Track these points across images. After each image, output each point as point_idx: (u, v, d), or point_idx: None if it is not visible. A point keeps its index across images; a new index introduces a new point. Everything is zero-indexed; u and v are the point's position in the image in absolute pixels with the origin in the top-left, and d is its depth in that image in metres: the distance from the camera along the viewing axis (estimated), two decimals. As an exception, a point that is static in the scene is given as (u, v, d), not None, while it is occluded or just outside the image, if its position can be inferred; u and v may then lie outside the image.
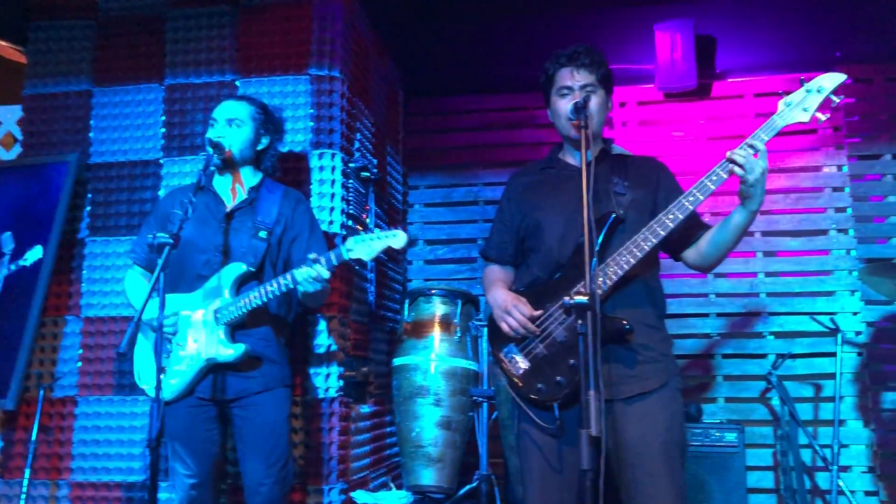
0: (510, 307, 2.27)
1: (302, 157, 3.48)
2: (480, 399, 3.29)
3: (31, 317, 3.40)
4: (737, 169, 2.11)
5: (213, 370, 2.65)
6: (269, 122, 2.94)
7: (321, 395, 3.28)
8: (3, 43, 3.83)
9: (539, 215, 2.39)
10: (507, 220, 2.54)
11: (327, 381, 3.29)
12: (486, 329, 3.50)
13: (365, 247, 2.57)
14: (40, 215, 3.57)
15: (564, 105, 2.36)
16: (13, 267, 3.51)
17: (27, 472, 3.23)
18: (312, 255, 2.58)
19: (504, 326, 2.29)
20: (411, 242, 4.72)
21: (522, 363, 2.29)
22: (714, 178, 2.15)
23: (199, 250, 2.73)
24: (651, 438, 2.19)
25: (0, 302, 3.48)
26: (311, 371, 3.30)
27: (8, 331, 3.41)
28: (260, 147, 2.91)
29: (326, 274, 2.58)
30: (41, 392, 3.32)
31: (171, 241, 2.36)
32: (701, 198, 2.16)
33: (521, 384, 2.28)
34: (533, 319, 2.25)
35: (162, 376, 2.29)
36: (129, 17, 3.76)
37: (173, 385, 2.63)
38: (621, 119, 4.57)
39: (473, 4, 4.61)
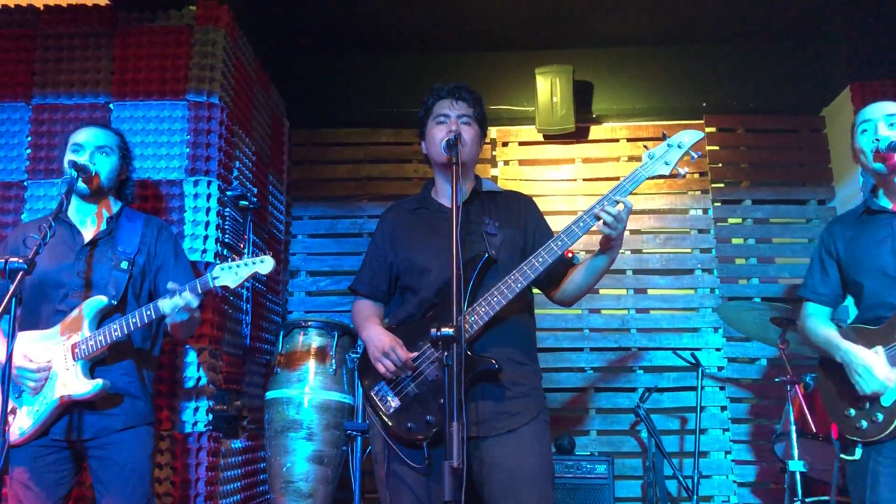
0: (387, 349, 2.28)
1: (177, 183, 3.40)
2: (355, 433, 3.26)
3: None
4: (602, 226, 2.22)
5: (70, 409, 2.51)
6: (129, 152, 2.88)
7: (189, 430, 3.17)
8: None
9: (414, 256, 2.42)
10: (380, 256, 2.55)
11: (196, 414, 3.19)
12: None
13: (231, 274, 2.52)
14: None
15: (440, 132, 2.42)
16: None
17: None
18: (171, 285, 2.50)
19: (380, 367, 2.29)
20: (293, 273, 4.67)
21: (393, 402, 2.29)
22: (581, 224, 2.24)
23: (57, 284, 2.59)
24: (522, 470, 2.23)
25: None
26: (180, 404, 3.19)
27: None
28: (123, 177, 2.83)
29: (195, 302, 2.51)
30: None
31: (24, 266, 2.24)
32: (569, 242, 2.24)
33: (391, 423, 2.28)
34: (408, 362, 2.27)
35: (11, 417, 2.15)
36: (-5, 32, 3.61)
37: (25, 426, 2.47)
38: (503, 158, 4.70)
39: (359, 39, 4.64)
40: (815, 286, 2.72)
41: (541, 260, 2.26)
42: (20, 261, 2.24)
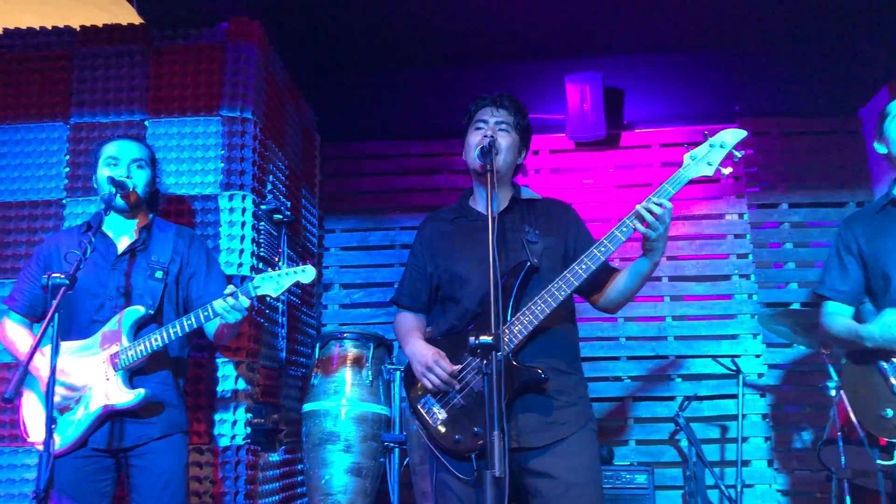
0: (431, 363, 2.28)
1: (212, 198, 3.43)
2: (392, 445, 3.25)
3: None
4: (641, 227, 2.19)
5: (110, 418, 2.54)
6: (158, 163, 2.93)
7: (227, 443, 3.18)
8: None
9: (454, 266, 2.42)
10: (419, 267, 2.55)
11: (234, 428, 3.20)
12: (399, 374, 3.48)
13: (272, 283, 2.54)
14: (-71, 256, 3.40)
15: (476, 138, 2.42)
16: None
17: None
18: (229, 289, 2.52)
19: (426, 383, 2.29)
20: (326, 286, 4.68)
21: (440, 414, 2.29)
22: (624, 228, 2.22)
23: (92, 295, 2.63)
24: (572, 480, 2.22)
25: None
26: (217, 418, 3.21)
27: None
28: (154, 188, 2.87)
29: (247, 302, 2.52)
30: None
31: (66, 282, 2.27)
32: (612, 248, 2.23)
33: (438, 436, 2.27)
34: (454, 375, 2.26)
35: (53, 427, 2.17)
36: (33, 54, 3.67)
37: (67, 436, 2.49)
38: (534, 166, 4.68)
39: (388, 52, 4.67)
40: (833, 283, 2.68)
41: (584, 266, 2.24)
42: (62, 276, 2.28)
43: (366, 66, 4.80)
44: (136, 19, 3.62)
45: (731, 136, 2.24)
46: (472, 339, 2.01)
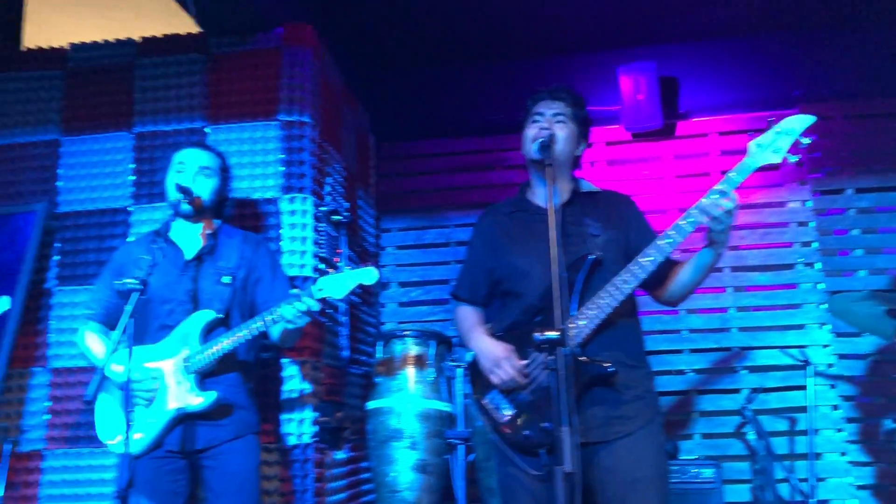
0: (501, 360, 2.28)
1: (273, 201, 3.49)
2: (456, 441, 3.25)
3: (-3, 369, 3.33)
4: (709, 221, 2.16)
5: (182, 420, 2.60)
6: (229, 171, 2.98)
7: (294, 442, 3.23)
8: (-30, 95, 3.81)
9: (515, 260, 2.41)
10: (478, 260, 2.55)
11: (301, 426, 3.25)
12: (461, 371, 3.48)
13: (336, 285, 2.57)
14: (7, 265, 3.53)
15: (533, 131, 2.41)
16: (-21, 319, 3.46)
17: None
18: (295, 291, 2.56)
19: (495, 379, 2.30)
20: (384, 285, 4.72)
21: (507, 410, 2.30)
22: (690, 219, 2.20)
23: (162, 300, 2.69)
24: (639, 475, 2.21)
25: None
26: (284, 417, 3.26)
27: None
28: (223, 196, 2.92)
29: (317, 306, 2.56)
30: (7, 447, 3.23)
31: (140, 286, 2.34)
32: (679, 239, 2.21)
33: (506, 431, 2.28)
34: (522, 370, 2.26)
35: (130, 429, 2.24)
36: (98, 66, 3.77)
37: (141, 439, 2.56)
38: (590, 159, 4.64)
39: (440, 50, 4.68)
40: None
41: (651, 258, 2.22)
42: (135, 281, 2.36)
43: (417, 65, 4.82)
44: (195, 28, 3.69)
45: (798, 122, 2.19)
46: (537, 334, 2.01)
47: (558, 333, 1.99)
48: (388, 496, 3.38)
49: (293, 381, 3.29)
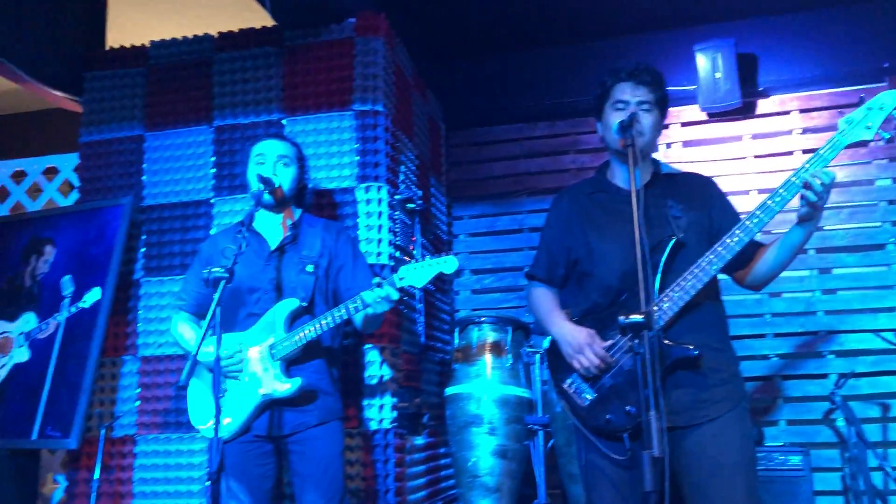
0: (584, 346, 2.25)
1: (349, 190, 3.52)
2: (536, 427, 3.25)
3: (91, 357, 3.46)
4: (808, 193, 2.09)
5: (269, 406, 2.66)
6: (305, 161, 3.02)
7: (375, 427, 3.27)
8: (60, 94, 3.96)
9: (595, 242, 2.37)
10: (556, 241, 2.52)
11: (381, 412, 3.29)
12: (538, 356, 3.47)
13: (417, 274, 2.59)
14: (97, 258, 3.67)
15: (617, 118, 2.36)
16: (73, 309, 3.60)
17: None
18: (377, 280, 2.59)
19: (577, 364, 2.27)
20: (457, 273, 4.72)
21: (589, 394, 2.27)
22: (778, 199, 2.14)
23: (249, 289, 2.75)
24: (726, 460, 2.16)
25: (62, 343, 3.56)
26: (365, 403, 3.30)
27: (70, 372, 3.48)
28: (301, 185, 2.97)
29: (396, 294, 2.59)
30: (102, 431, 3.36)
31: (227, 274, 2.39)
32: (766, 219, 2.15)
33: (587, 416, 2.26)
34: (606, 357, 2.23)
35: (219, 414, 2.30)
36: (177, 63, 3.87)
37: (229, 424, 2.63)
38: (665, 141, 4.54)
39: (510, 35, 4.65)
40: None
41: (736, 239, 2.17)
42: (221, 270, 2.41)
43: (487, 50, 4.80)
44: (269, 22, 3.75)
45: (891, 97, 2.10)
46: (621, 318, 1.99)
47: (643, 317, 1.96)
48: (468, 481, 3.40)
49: (373, 367, 3.33)
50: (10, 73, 3.72)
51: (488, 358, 3.55)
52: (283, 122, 3.67)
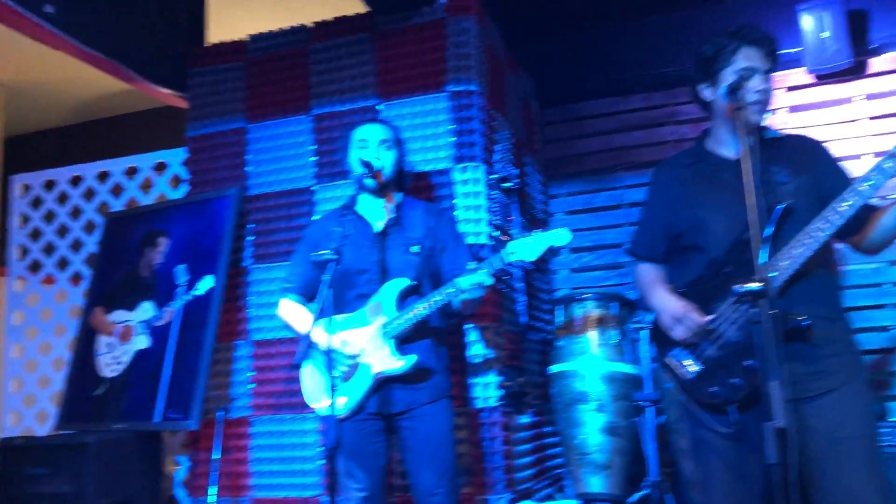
0: (680, 315, 2.21)
1: (445, 172, 3.54)
2: (644, 403, 3.20)
3: (207, 343, 3.61)
4: None
5: (383, 384, 2.70)
6: (403, 144, 3.04)
7: (481, 405, 3.29)
8: (167, 91, 4.13)
9: (697, 213, 2.31)
10: (657, 216, 2.47)
11: (486, 391, 3.30)
12: (644, 332, 3.41)
13: (527, 248, 2.57)
14: (208, 247, 3.82)
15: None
16: (188, 297, 3.76)
17: (213, 490, 3.40)
18: (472, 265, 2.60)
19: (675, 334, 2.24)
20: (555, 251, 4.67)
21: (693, 366, 2.22)
22: (894, 160, 2.01)
23: (357, 271, 2.80)
24: (844, 433, 2.08)
25: (179, 330, 3.73)
26: (470, 381, 3.33)
27: (187, 357, 3.64)
28: (400, 169, 2.99)
29: (490, 280, 2.59)
30: (220, 413, 3.51)
31: (335, 256, 2.46)
32: (881, 182, 2.03)
33: (692, 389, 2.21)
34: (705, 325, 2.18)
35: (335, 394, 2.36)
36: (275, 55, 3.97)
37: (345, 403, 2.68)
38: (770, 107, 4.35)
39: (602, 7, 4.55)
40: None
41: (848, 204, 2.06)
42: (330, 252, 2.48)
43: (577, 25, 4.72)
44: (362, 8, 3.80)
45: None
46: (736, 286, 1.94)
47: (761, 284, 1.90)
48: (577, 458, 3.38)
49: (477, 346, 3.35)
50: (123, 74, 3.90)
51: (593, 335, 3.51)
52: (380, 107, 3.71)
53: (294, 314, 2.93)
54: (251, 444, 3.64)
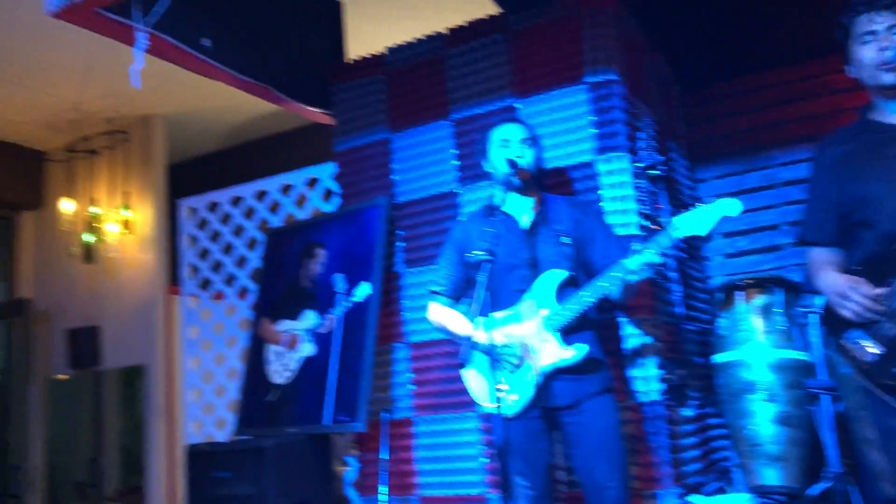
0: (846, 290, 2.10)
1: (587, 165, 3.51)
2: (819, 391, 3.02)
3: (368, 347, 3.76)
4: None
5: (552, 377, 2.68)
6: (540, 142, 3.05)
7: (642, 399, 3.23)
8: (314, 109, 4.34)
9: (865, 187, 2.20)
10: (823, 196, 2.36)
11: (647, 384, 3.25)
12: (814, 316, 3.23)
13: (695, 222, 2.51)
14: (362, 256, 3.97)
15: (869, 52, 2.17)
16: (348, 304, 3.93)
17: (384, 490, 3.51)
18: (637, 246, 2.56)
19: (844, 312, 2.13)
20: (705, 238, 4.52)
21: (871, 347, 2.10)
22: None
23: (510, 267, 2.81)
24: None
25: (342, 336, 3.90)
26: (628, 375, 3.28)
27: (351, 361, 3.80)
28: (541, 165, 3.00)
29: (658, 259, 2.54)
30: (384, 415, 3.64)
31: (489, 256, 2.50)
32: None
33: (874, 373, 2.09)
34: (876, 298, 2.06)
35: (502, 392, 2.39)
36: (413, 65, 4.07)
37: (516, 401, 2.69)
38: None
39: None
40: None
41: None
42: (484, 253, 2.52)
43: (712, 4, 4.53)
44: (494, 10, 3.83)
45: None
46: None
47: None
48: (748, 450, 3.25)
49: (634, 338, 3.29)
50: (274, 97, 4.15)
51: (758, 322, 3.36)
52: (517, 105, 3.72)
53: (446, 316, 2.99)
54: (415, 444, 3.75)
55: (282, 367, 4.16)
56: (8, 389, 6.48)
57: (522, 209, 2.93)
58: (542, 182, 3.06)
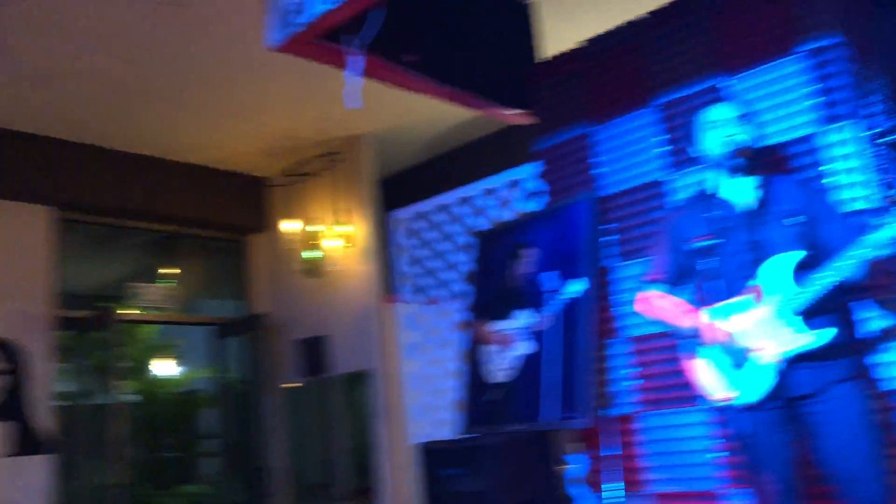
0: None
1: (808, 139, 3.26)
2: None
3: (588, 343, 3.73)
4: None
5: (788, 365, 2.53)
6: (755, 119, 2.89)
7: (892, 387, 2.94)
8: (513, 111, 4.39)
9: None
10: None
11: (894, 369, 2.95)
12: None
13: None
14: (571, 252, 3.97)
15: None
16: (562, 301, 3.93)
17: (618, 486, 3.46)
18: (878, 220, 2.37)
19: None
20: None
21: None
22: None
23: (733, 253, 2.68)
24: None
25: (560, 332, 3.90)
26: (868, 361, 2.99)
27: (571, 358, 3.79)
28: (757, 144, 2.84)
29: None
30: (609, 411, 3.59)
31: (711, 243, 2.40)
32: None
33: None
34: None
35: (735, 383, 2.27)
36: (610, 54, 4.00)
37: (750, 391, 2.57)
38: None
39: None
40: None
41: None
42: (705, 241, 2.42)
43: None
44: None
45: None
46: None
47: None
48: None
49: (873, 321, 3.01)
50: (475, 103, 4.25)
51: None
52: (726, 83, 3.54)
53: (666, 305, 2.90)
54: (641, 440, 3.67)
55: (498, 367, 4.24)
56: (248, 398, 7.14)
57: (742, 191, 2.77)
58: (761, 161, 2.89)
